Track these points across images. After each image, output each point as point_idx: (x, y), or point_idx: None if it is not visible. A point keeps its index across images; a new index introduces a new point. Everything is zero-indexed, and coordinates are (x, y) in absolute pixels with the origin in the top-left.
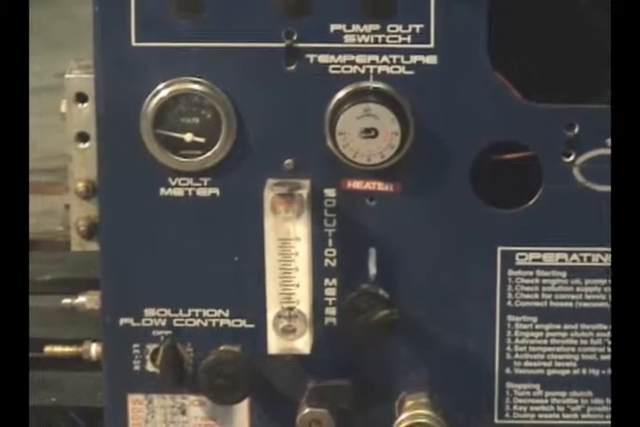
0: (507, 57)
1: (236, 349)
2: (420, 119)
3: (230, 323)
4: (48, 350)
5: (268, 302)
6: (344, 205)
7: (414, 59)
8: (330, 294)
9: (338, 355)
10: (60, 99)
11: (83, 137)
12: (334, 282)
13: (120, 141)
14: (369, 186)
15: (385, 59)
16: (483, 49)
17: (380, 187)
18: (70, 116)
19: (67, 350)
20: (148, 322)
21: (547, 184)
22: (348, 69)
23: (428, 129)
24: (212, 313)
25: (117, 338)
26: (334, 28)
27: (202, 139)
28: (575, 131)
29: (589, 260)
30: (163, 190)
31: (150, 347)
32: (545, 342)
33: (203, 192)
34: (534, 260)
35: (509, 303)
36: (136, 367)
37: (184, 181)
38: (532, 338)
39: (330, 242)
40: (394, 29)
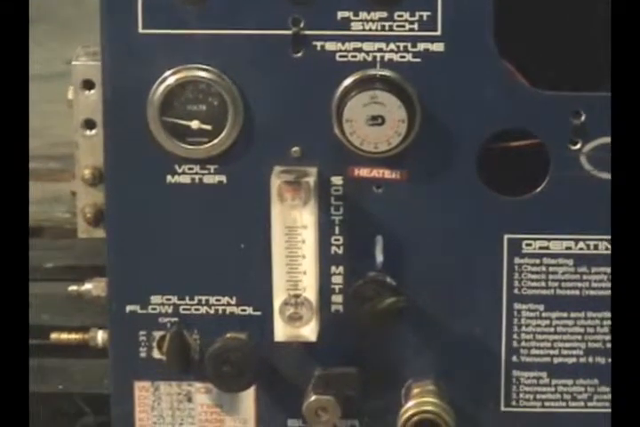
0: (513, 44)
1: (243, 336)
2: (427, 107)
3: (237, 310)
4: (54, 337)
5: (274, 289)
6: (351, 193)
7: (421, 46)
8: (336, 281)
9: (344, 342)
10: (70, 84)
11: (89, 124)
12: (341, 270)
13: (127, 129)
14: (376, 173)
15: (392, 46)
16: (489, 36)
17: (387, 174)
18: (77, 103)
19: (73, 337)
20: (154, 309)
21: (553, 172)
22: (355, 57)
23: (434, 116)
24: (218, 300)
25: (124, 325)
26: (341, 15)
27: (209, 126)
28: (582, 119)
29: (596, 248)
30: (169, 178)
31: (157, 334)
32: (551, 329)
33: (209, 179)
34: (541, 248)
35: (516, 291)
36: (142, 354)
37: (191, 169)
38: (538, 326)
39: (337, 229)
40: (401, 17)
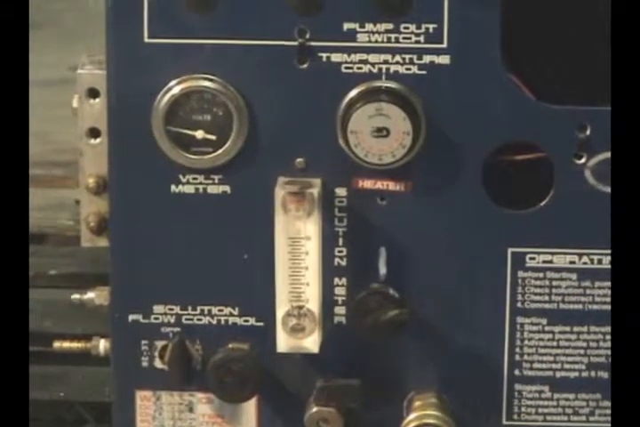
0: (520, 58)
1: (245, 347)
2: (432, 119)
3: (239, 321)
4: (57, 345)
5: (277, 300)
6: (355, 205)
7: (427, 58)
8: (339, 293)
9: (347, 354)
10: (75, 91)
11: (94, 132)
12: (344, 281)
13: (131, 138)
14: (380, 185)
15: (398, 58)
16: (496, 49)
17: (392, 186)
18: (82, 112)
19: (75, 345)
20: (156, 319)
21: (558, 186)
22: (360, 68)
23: (439, 129)
24: (221, 311)
25: (126, 334)
26: (347, 26)
27: (213, 136)
28: (587, 132)
29: (600, 262)
30: (173, 187)
31: (159, 344)
32: (554, 343)
33: (213, 189)
34: (545, 261)
35: (519, 305)
36: (144, 364)
37: (195, 179)
38: (541, 340)
39: (340, 241)
40: (407, 29)
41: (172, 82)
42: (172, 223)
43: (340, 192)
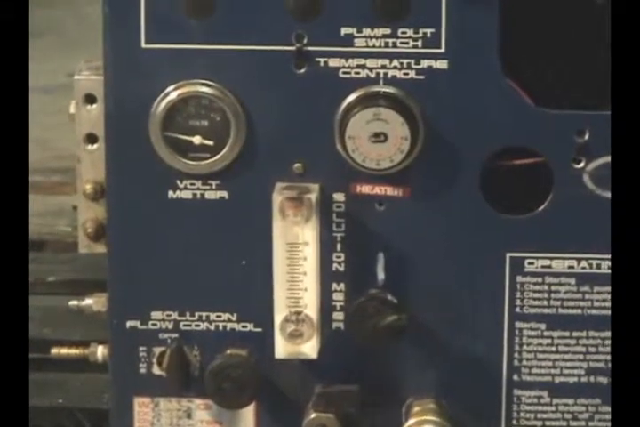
0: (518, 62)
1: (243, 353)
2: (430, 124)
3: (237, 327)
4: (55, 352)
5: (275, 306)
6: (353, 210)
7: (425, 63)
8: (338, 298)
9: (345, 360)
10: (72, 98)
11: (91, 138)
12: (342, 287)
13: (128, 143)
14: (378, 190)
15: (395, 63)
16: (494, 54)
17: (390, 191)
18: (79, 118)
19: (73, 352)
20: (154, 325)
21: (557, 190)
22: (358, 73)
23: (437, 134)
24: (219, 317)
25: (124, 341)
26: (345, 31)
27: (211, 142)
28: (586, 137)
29: (598, 267)
30: (171, 193)
31: (157, 350)
32: (553, 349)
33: (211, 195)
34: (543, 266)
35: (518, 310)
36: (142, 370)
37: (192, 184)
38: (540, 345)
39: (338, 246)
40: (405, 34)
41: (170, 87)
42: (169, 229)
43: (338, 197)
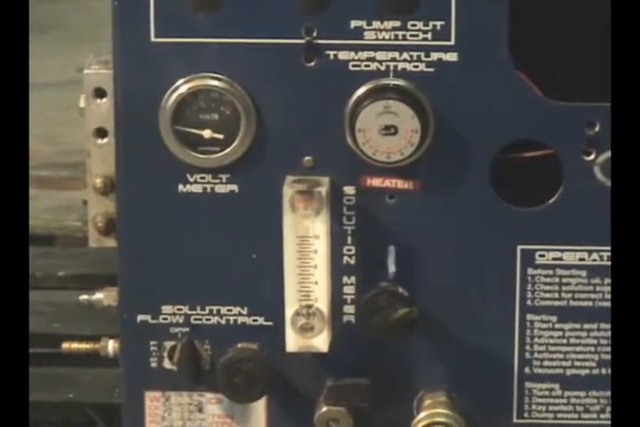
0: (528, 55)
1: (254, 346)
2: (440, 117)
3: (248, 320)
4: (66, 346)
5: (286, 299)
6: (363, 203)
7: (435, 56)
8: (348, 291)
9: (356, 353)
10: (82, 92)
11: (101, 133)
12: (353, 280)
13: (138, 137)
14: (388, 183)
15: (405, 56)
16: (503, 46)
17: (400, 184)
18: (89, 112)
19: (84, 346)
20: (165, 319)
21: (567, 183)
22: (368, 66)
23: (447, 126)
24: (229, 310)
25: (135, 335)
26: (355, 24)
27: (221, 135)
28: (596, 129)
29: (609, 259)
30: (181, 187)
31: (168, 344)
32: (564, 341)
33: (221, 189)
34: (554, 259)
35: (529, 302)
36: (153, 364)
37: (203, 178)
38: (551, 337)
39: (349, 240)
40: (414, 26)
41: (179, 81)
42: (179, 223)
43: (349, 191)
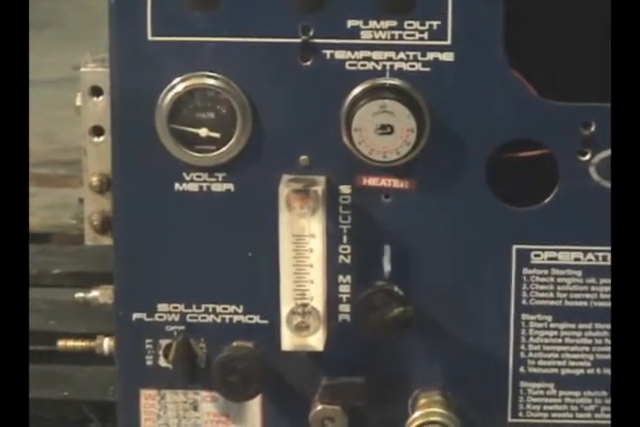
0: (524, 54)
1: (250, 345)
2: (436, 116)
3: (244, 319)
4: (61, 344)
5: (281, 298)
6: (359, 202)
7: (431, 55)
8: (344, 290)
9: (351, 352)
10: (78, 90)
11: (97, 131)
12: (348, 279)
13: (135, 136)
14: (384, 183)
15: (402, 55)
16: (499, 46)
17: (396, 184)
18: (85, 110)
19: (79, 344)
20: (161, 317)
21: (562, 182)
22: (364, 66)
23: (444, 126)
24: (225, 309)
25: (130, 333)
26: (351, 23)
27: (217, 134)
28: (592, 129)
29: (605, 259)
30: (177, 185)
31: (163, 342)
32: (559, 340)
33: (217, 187)
34: (549, 258)
35: (524, 302)
36: (149, 362)
37: (199, 177)
38: (546, 337)
39: (344, 239)
40: (411, 26)
41: (176, 80)
42: (175, 221)
43: (345, 190)
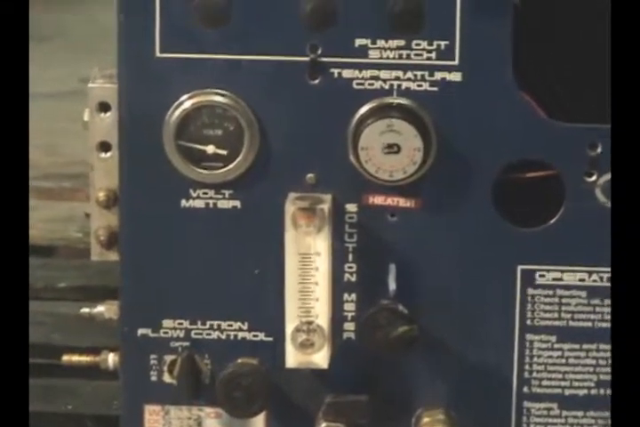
0: (531, 75)
1: (254, 362)
2: (443, 136)
3: (249, 336)
4: (66, 359)
5: (286, 315)
6: (365, 221)
7: (439, 75)
8: (349, 308)
9: (356, 370)
10: (84, 104)
11: (105, 146)
12: (353, 297)
13: (142, 152)
14: (390, 201)
15: (409, 75)
16: (507, 67)
17: (402, 203)
18: (93, 126)
19: (84, 359)
20: (166, 333)
21: (568, 203)
22: (372, 85)
23: (450, 146)
24: (230, 326)
25: (135, 348)
26: (359, 42)
27: (224, 151)
28: (598, 150)
29: (609, 280)
30: (184, 202)
31: (168, 358)
32: (563, 361)
33: (224, 204)
34: (554, 279)
35: (528, 322)
36: (153, 378)
37: (205, 193)
38: (550, 357)
39: (350, 257)
40: (419, 45)
41: (184, 96)
42: (182, 238)
43: (351, 208)
